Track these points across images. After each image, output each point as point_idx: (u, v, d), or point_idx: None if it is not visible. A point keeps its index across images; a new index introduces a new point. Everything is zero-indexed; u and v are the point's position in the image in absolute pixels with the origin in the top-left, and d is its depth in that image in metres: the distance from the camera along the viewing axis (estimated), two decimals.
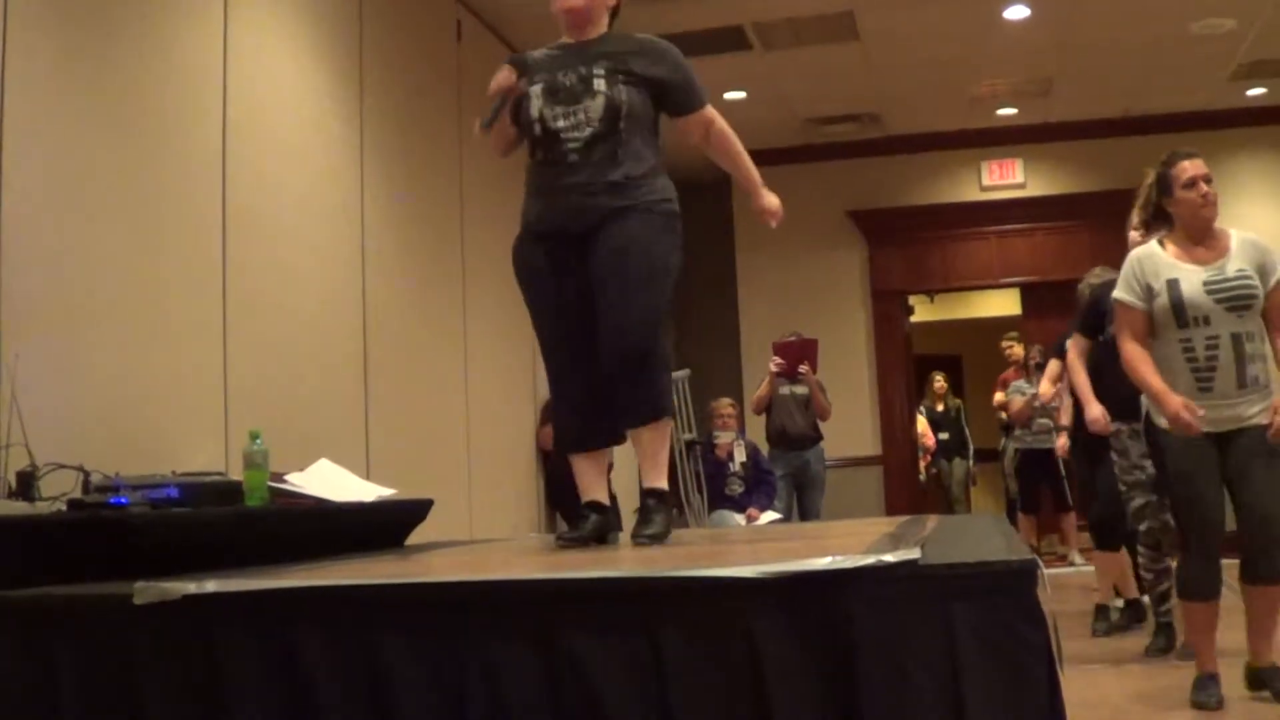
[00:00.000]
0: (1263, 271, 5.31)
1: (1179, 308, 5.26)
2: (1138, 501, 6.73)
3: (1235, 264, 5.31)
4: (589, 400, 4.57)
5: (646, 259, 4.43)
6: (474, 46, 9.17)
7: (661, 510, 4.53)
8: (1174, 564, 6.53)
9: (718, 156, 4.95)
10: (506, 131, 4.61)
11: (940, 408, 14.79)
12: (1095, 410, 6.75)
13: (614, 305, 4.40)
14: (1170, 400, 5.22)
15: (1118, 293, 5.49)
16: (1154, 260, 5.40)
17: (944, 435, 14.69)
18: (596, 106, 4.44)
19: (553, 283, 4.57)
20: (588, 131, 4.42)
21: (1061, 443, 7.87)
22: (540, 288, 4.63)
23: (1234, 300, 5.24)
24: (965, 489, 14.66)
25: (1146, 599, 7.20)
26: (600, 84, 4.46)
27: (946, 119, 13.23)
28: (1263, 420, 5.23)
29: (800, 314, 12.42)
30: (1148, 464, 6.18)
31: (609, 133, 4.44)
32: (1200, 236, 5.40)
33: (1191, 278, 5.29)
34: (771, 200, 5.01)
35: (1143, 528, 6.75)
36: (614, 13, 4.72)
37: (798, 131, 13.27)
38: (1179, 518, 5.44)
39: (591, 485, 4.73)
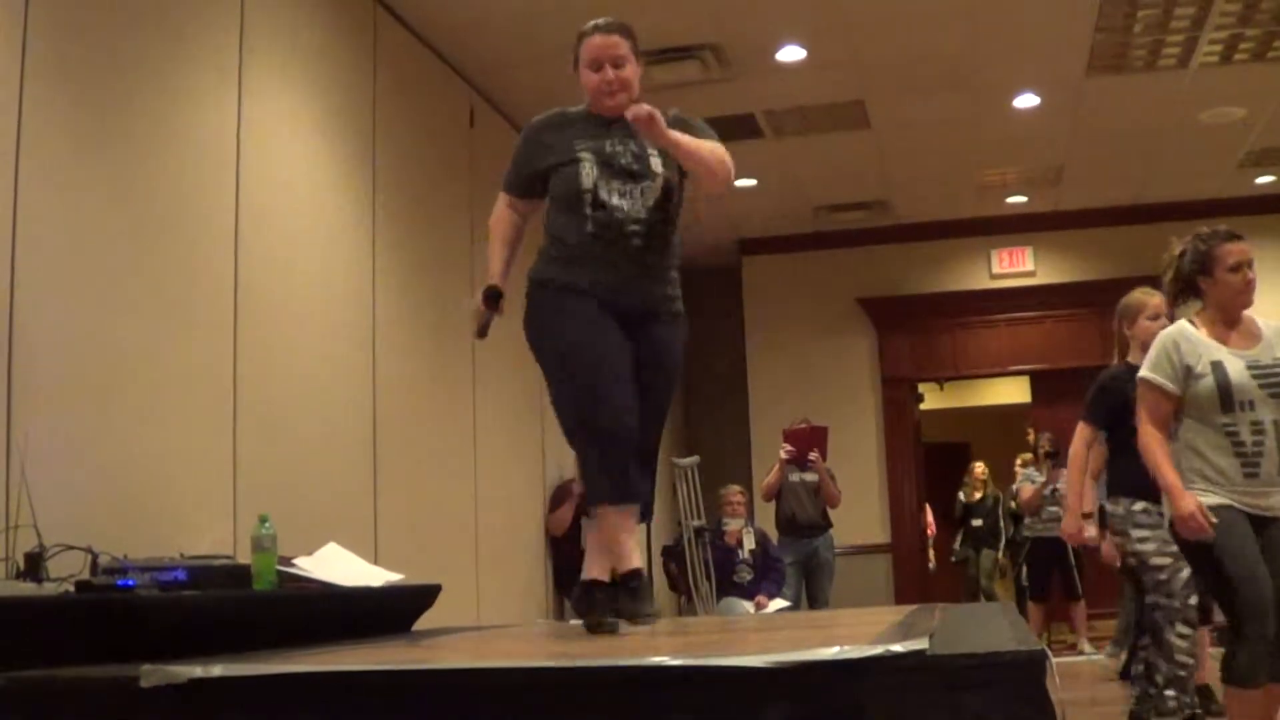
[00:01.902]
0: None
1: (1226, 392, 5.04)
2: (1186, 573, 6.22)
3: (1273, 351, 5.16)
4: (629, 441, 4.41)
5: (675, 376, 4.58)
6: (487, 132, 9.23)
7: (649, 588, 4.48)
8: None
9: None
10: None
11: (978, 495, 14.64)
12: (1072, 524, 6.62)
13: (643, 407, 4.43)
14: (1186, 500, 4.98)
15: (1148, 372, 5.21)
16: (1193, 341, 5.17)
17: (977, 522, 14.51)
18: (655, 188, 4.44)
19: (602, 322, 4.42)
20: (644, 214, 4.39)
21: (1090, 533, 7.25)
22: (586, 321, 4.42)
23: (1279, 386, 5.08)
24: (993, 580, 14.49)
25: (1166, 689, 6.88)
26: (658, 164, 4.45)
27: (956, 207, 13.30)
28: None
29: (810, 401, 12.42)
30: None
31: (665, 217, 4.46)
32: (1233, 321, 5.23)
33: (1235, 362, 5.10)
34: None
35: (1193, 601, 6.33)
36: None
37: (808, 219, 13.34)
38: (1230, 600, 5.03)
39: (632, 552, 4.46)
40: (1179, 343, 5.20)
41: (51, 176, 4.94)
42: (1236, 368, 5.10)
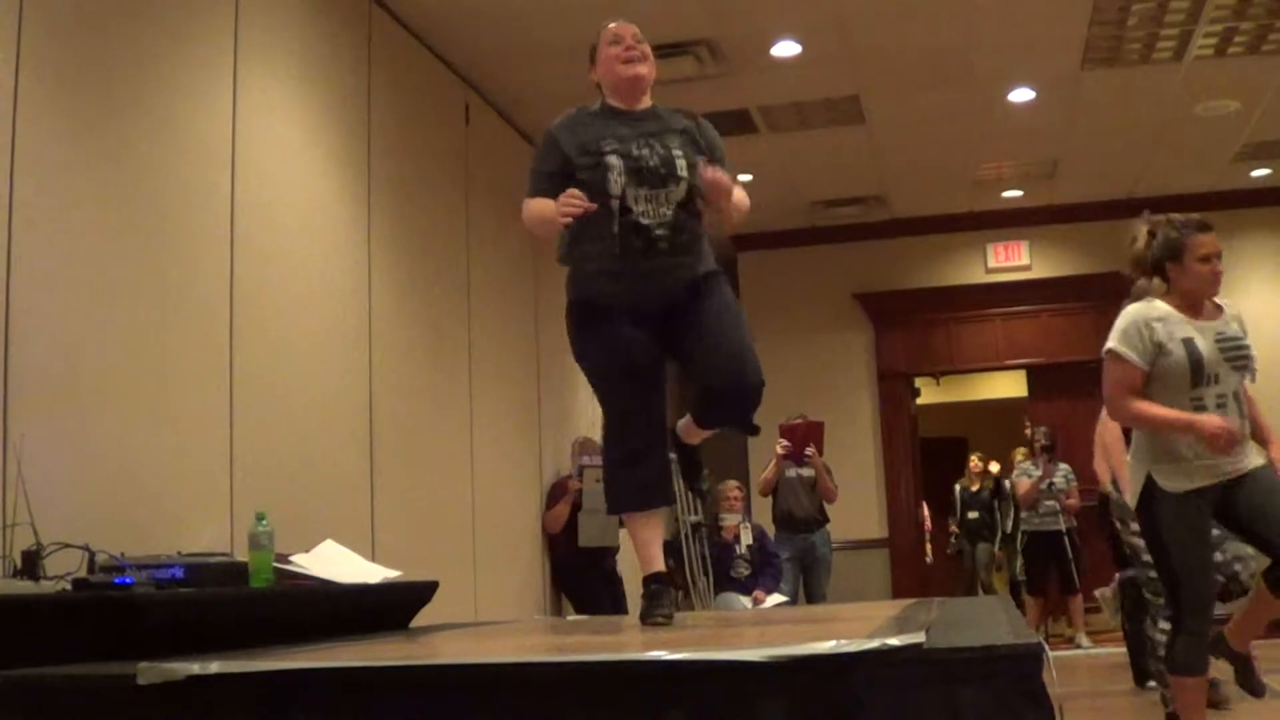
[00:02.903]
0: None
1: (1198, 366, 5.15)
2: None
3: (1232, 325, 5.30)
4: (652, 457, 4.59)
5: (738, 312, 4.69)
6: (482, 129, 9.24)
7: (669, 591, 4.58)
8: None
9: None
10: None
11: (975, 488, 14.63)
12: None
13: (729, 341, 4.59)
14: (1207, 421, 5.05)
15: (1118, 345, 5.30)
16: (1164, 318, 5.27)
17: (973, 515, 14.51)
18: (680, 191, 4.47)
19: (627, 342, 4.53)
20: (669, 216, 4.44)
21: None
22: (614, 345, 4.55)
23: (1242, 359, 5.22)
24: (990, 573, 14.48)
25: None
26: (682, 166, 4.48)
27: (952, 201, 13.31)
28: (1260, 461, 5.22)
29: (806, 396, 12.38)
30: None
31: (689, 216, 4.51)
32: (1197, 306, 5.33)
33: (1205, 335, 5.22)
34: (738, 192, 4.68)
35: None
36: None
37: (804, 214, 13.34)
38: (1173, 591, 5.23)
39: (656, 555, 4.65)
40: (1150, 320, 5.29)
41: (46, 174, 4.93)
42: (1206, 341, 5.21)
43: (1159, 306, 5.34)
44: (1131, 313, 5.37)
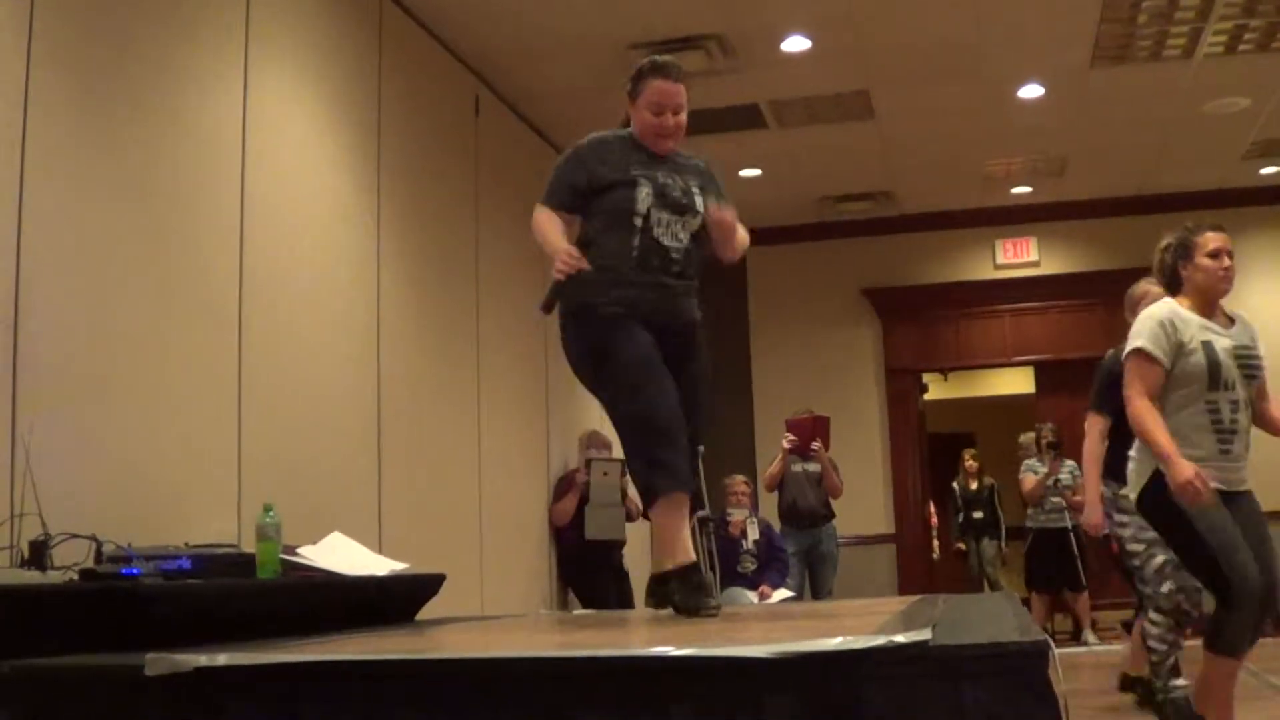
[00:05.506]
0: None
1: (1215, 369, 5.24)
2: (1159, 559, 6.41)
3: (1242, 337, 5.38)
4: (681, 440, 4.75)
5: (708, 372, 4.99)
6: (492, 121, 9.23)
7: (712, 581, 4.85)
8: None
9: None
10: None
11: (973, 486, 14.66)
12: (1095, 516, 6.80)
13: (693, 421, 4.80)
14: (1183, 467, 5.04)
15: (1143, 343, 5.32)
16: (1184, 319, 5.34)
17: (978, 514, 14.53)
18: (695, 224, 4.80)
19: (644, 337, 4.71)
20: (686, 243, 4.78)
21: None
22: (636, 338, 4.69)
23: (1253, 368, 5.33)
24: (996, 569, 14.47)
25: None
26: (699, 202, 4.81)
27: (961, 197, 13.28)
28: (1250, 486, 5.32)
29: (814, 391, 12.41)
30: None
31: (697, 249, 4.84)
32: (1211, 308, 5.42)
33: (1222, 340, 5.31)
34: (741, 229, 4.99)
35: (1164, 589, 6.43)
36: None
37: (812, 209, 13.32)
38: (1216, 572, 5.09)
39: (689, 543, 4.80)
40: (1172, 319, 5.36)
41: (56, 166, 4.94)
42: (1224, 346, 5.31)
43: (1178, 307, 5.41)
44: (1154, 313, 5.42)
